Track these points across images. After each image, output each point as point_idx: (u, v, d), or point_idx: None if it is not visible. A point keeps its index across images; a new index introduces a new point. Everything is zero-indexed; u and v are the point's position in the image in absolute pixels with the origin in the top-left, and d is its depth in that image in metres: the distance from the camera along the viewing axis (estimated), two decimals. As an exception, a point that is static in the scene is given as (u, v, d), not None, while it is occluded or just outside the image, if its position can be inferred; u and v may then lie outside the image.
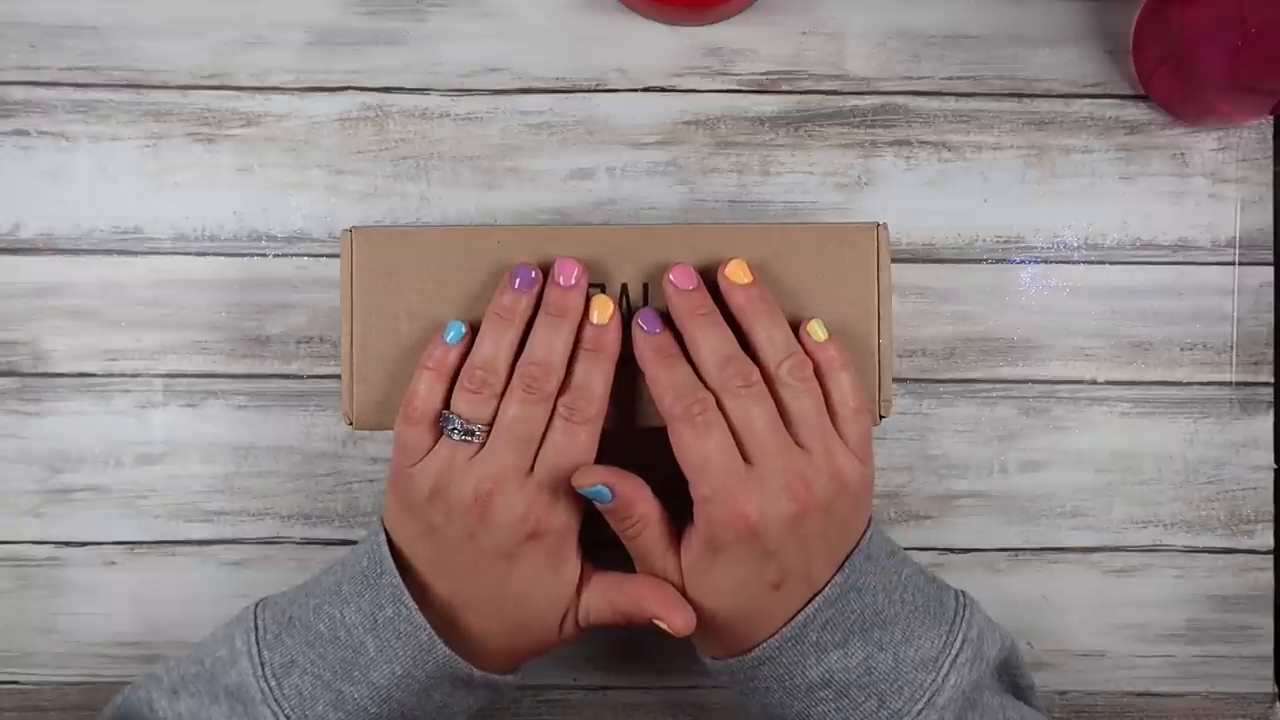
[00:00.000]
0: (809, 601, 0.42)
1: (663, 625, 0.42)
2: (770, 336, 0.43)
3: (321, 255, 0.53)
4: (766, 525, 0.41)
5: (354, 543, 0.53)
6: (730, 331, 0.43)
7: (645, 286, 0.44)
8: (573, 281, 0.43)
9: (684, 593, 0.43)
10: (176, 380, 0.53)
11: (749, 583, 0.42)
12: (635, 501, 0.42)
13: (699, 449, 0.41)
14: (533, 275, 0.43)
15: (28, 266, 0.53)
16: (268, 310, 0.53)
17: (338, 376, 0.53)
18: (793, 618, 0.42)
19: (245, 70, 0.53)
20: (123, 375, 0.53)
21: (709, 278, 0.44)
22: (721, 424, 0.41)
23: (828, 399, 0.43)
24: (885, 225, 0.45)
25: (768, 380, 0.42)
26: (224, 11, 0.53)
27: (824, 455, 0.42)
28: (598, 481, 0.41)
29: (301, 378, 0.53)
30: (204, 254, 0.53)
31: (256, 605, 0.44)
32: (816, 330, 0.43)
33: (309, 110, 0.53)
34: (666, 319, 0.44)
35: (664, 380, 0.42)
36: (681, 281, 0.43)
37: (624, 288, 0.44)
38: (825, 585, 0.42)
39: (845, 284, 0.45)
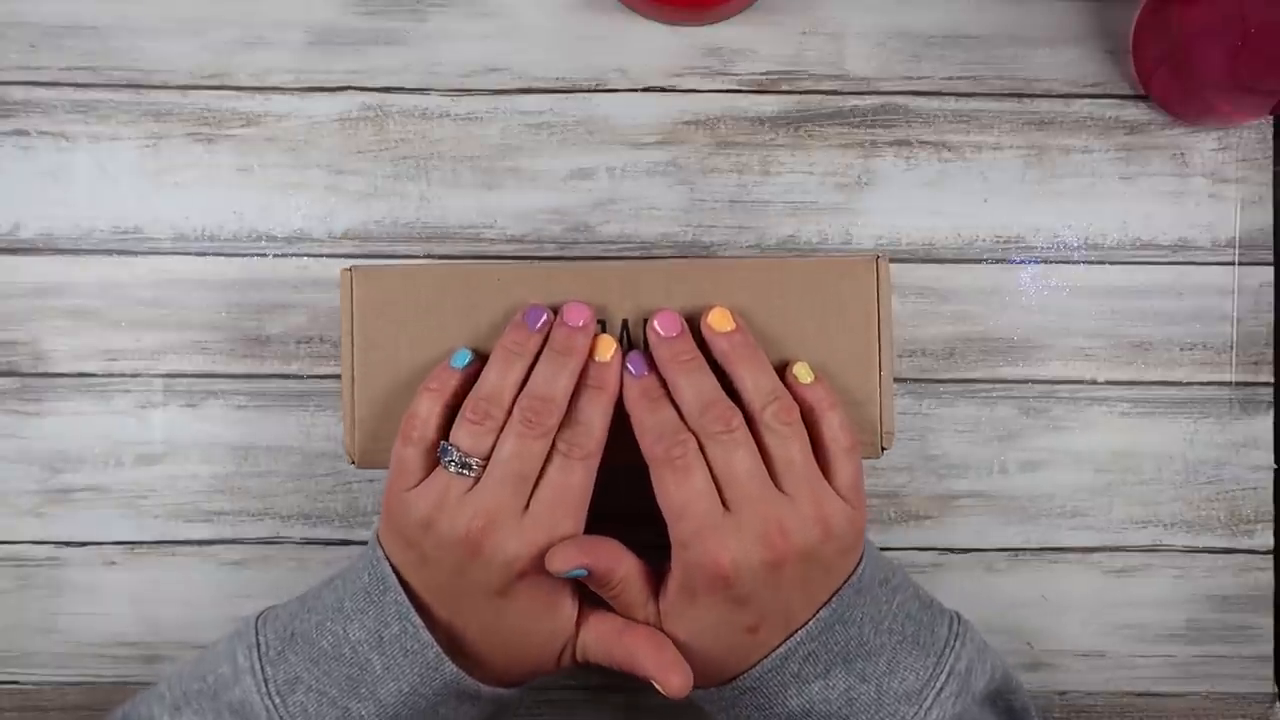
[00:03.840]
0: (790, 635, 0.42)
1: (657, 686, 0.41)
2: (755, 381, 0.42)
3: (321, 255, 0.53)
4: (739, 573, 0.40)
5: (354, 543, 0.53)
6: (714, 376, 0.42)
7: (645, 322, 0.44)
8: (581, 324, 0.43)
9: (662, 629, 0.43)
10: (176, 380, 0.53)
11: (724, 627, 0.42)
12: (612, 569, 0.42)
13: (678, 493, 0.41)
14: (545, 317, 0.43)
15: (28, 266, 0.53)
16: (268, 310, 0.53)
17: (337, 376, 0.53)
18: (773, 651, 0.42)
19: (245, 70, 0.53)
20: (123, 375, 0.53)
21: (698, 319, 0.44)
22: (702, 468, 0.41)
23: (818, 440, 0.42)
24: (885, 256, 0.45)
25: (752, 424, 0.42)
26: (224, 11, 0.53)
27: (810, 502, 0.41)
28: (573, 566, 0.41)
29: (301, 378, 0.53)
30: (204, 254, 0.53)
31: (257, 620, 0.44)
32: (803, 374, 0.43)
33: (309, 110, 0.53)
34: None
35: (646, 422, 0.42)
36: (665, 329, 0.43)
37: (624, 324, 0.44)
38: (809, 620, 0.42)
39: (845, 316, 0.44)
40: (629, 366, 0.43)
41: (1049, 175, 0.53)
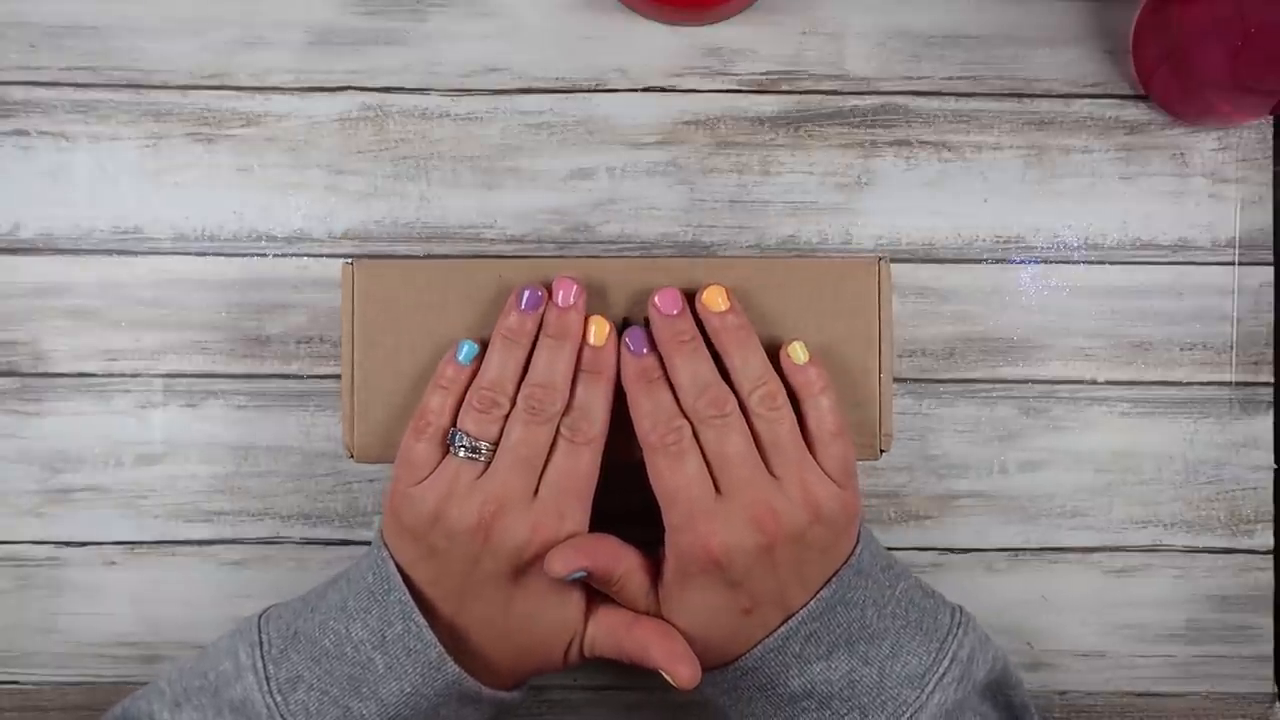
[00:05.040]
0: (792, 615, 0.42)
1: (667, 677, 0.42)
2: (744, 364, 0.43)
3: (321, 255, 0.53)
4: (731, 557, 0.41)
5: (354, 543, 0.53)
6: (710, 359, 0.43)
7: (646, 321, 0.44)
8: (571, 301, 0.43)
9: (660, 614, 0.43)
10: (176, 380, 0.53)
11: (719, 609, 0.42)
12: (612, 568, 0.42)
13: (671, 479, 0.41)
14: (539, 295, 0.43)
15: (28, 266, 0.53)
16: (268, 310, 0.53)
17: (337, 376, 0.53)
18: (774, 631, 0.42)
19: (245, 70, 0.53)
20: (123, 375, 0.53)
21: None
22: (695, 454, 0.42)
23: (805, 423, 0.43)
24: (887, 258, 0.45)
25: (741, 407, 0.42)
26: (224, 11, 0.53)
27: (797, 485, 0.42)
28: (573, 568, 0.41)
29: (301, 378, 0.53)
30: (204, 254, 0.53)
31: (259, 618, 0.44)
32: (797, 352, 0.43)
33: (309, 110, 0.53)
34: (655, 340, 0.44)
35: (643, 406, 0.42)
36: (665, 306, 0.43)
37: (625, 321, 0.44)
38: (810, 601, 0.42)
39: (846, 317, 0.44)
40: (628, 343, 0.43)
41: (1049, 175, 0.53)
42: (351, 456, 0.45)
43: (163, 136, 0.53)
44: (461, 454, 0.42)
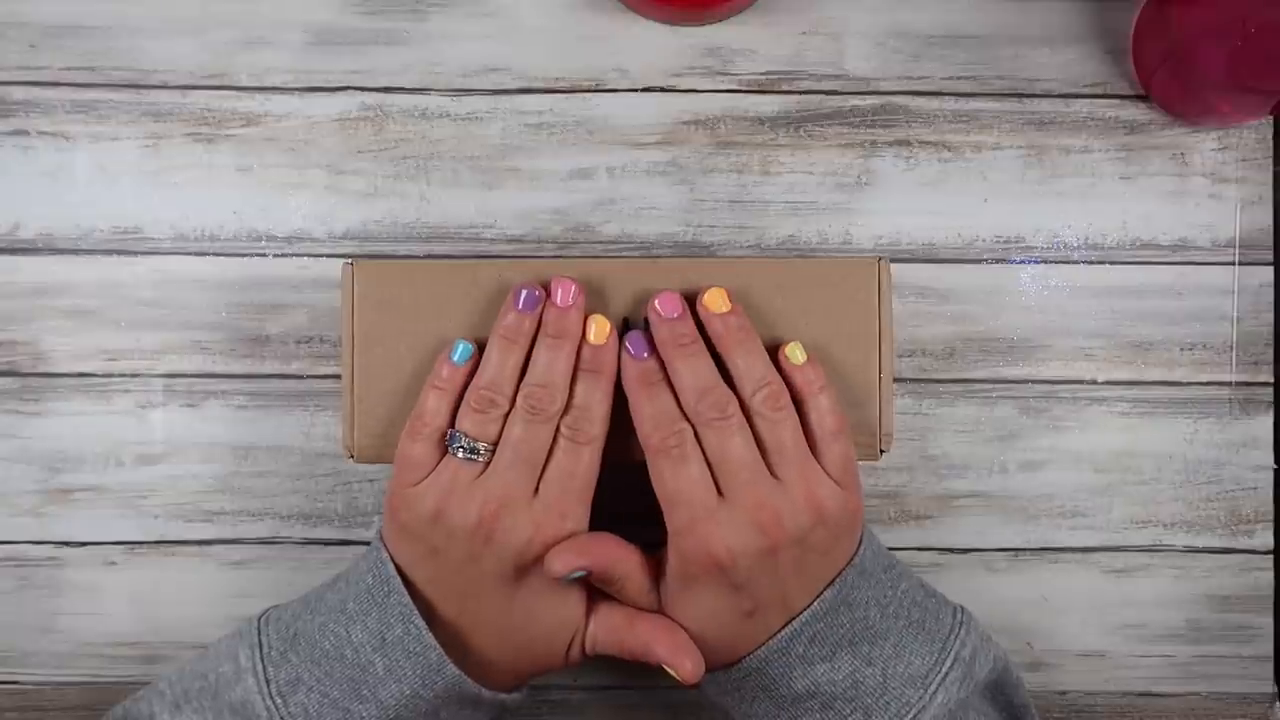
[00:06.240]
0: (795, 617, 0.42)
1: (671, 671, 0.42)
2: (747, 365, 0.43)
3: (321, 255, 0.53)
4: (735, 560, 0.41)
5: (354, 543, 0.53)
6: (711, 361, 0.43)
7: (646, 324, 0.44)
8: (570, 301, 0.43)
9: (662, 613, 0.43)
10: (176, 380, 0.53)
11: (721, 611, 0.42)
12: (611, 567, 0.42)
13: (673, 482, 0.41)
14: (536, 295, 0.43)
15: (28, 266, 0.53)
16: (268, 310, 0.53)
17: (337, 376, 0.53)
18: (778, 633, 0.42)
19: (245, 70, 0.53)
20: (123, 375, 0.53)
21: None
22: (697, 456, 0.42)
23: (805, 423, 0.43)
24: (887, 259, 0.45)
25: (744, 409, 0.42)
26: (224, 11, 0.53)
27: (800, 486, 0.42)
28: (572, 568, 0.41)
29: (301, 378, 0.53)
30: (204, 254, 0.53)
31: (259, 620, 0.44)
32: (795, 353, 0.43)
33: (309, 110, 0.53)
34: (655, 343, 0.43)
35: (644, 410, 0.42)
36: (666, 310, 0.43)
37: (625, 321, 0.44)
38: (813, 602, 0.42)
39: (845, 318, 0.44)
40: (629, 347, 0.43)
41: (1049, 175, 0.53)
42: (351, 457, 0.45)
43: (162, 136, 0.53)
44: (460, 455, 0.42)
